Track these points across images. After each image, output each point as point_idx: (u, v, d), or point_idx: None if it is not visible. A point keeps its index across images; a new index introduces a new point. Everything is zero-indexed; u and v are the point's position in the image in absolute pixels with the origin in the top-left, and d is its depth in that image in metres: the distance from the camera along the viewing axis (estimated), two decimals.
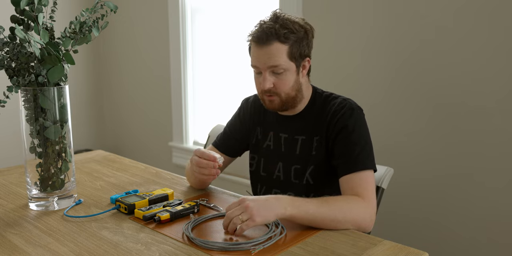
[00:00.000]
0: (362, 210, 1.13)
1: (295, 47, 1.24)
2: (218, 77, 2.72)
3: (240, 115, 1.48)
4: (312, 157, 1.30)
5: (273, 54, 1.21)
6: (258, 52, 1.24)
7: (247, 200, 1.04)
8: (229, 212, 1.05)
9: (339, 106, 1.28)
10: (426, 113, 1.84)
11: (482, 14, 1.66)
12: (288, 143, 1.35)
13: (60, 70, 1.16)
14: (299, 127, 1.34)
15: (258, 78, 1.28)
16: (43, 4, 1.15)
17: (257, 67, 1.25)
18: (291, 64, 1.24)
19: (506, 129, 1.66)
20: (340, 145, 1.24)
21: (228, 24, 2.59)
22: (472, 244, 1.79)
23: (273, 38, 1.21)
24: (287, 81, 1.25)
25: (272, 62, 1.22)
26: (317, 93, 1.35)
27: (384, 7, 1.89)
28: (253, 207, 1.02)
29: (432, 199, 1.87)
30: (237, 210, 1.03)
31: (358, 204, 1.14)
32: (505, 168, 1.68)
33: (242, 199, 1.05)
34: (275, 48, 1.21)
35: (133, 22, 3.16)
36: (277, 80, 1.25)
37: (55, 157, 1.21)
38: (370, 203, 1.16)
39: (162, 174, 1.55)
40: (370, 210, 1.15)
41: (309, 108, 1.34)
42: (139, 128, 3.30)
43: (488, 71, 1.67)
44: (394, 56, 1.90)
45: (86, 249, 0.99)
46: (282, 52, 1.22)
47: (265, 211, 1.03)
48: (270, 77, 1.24)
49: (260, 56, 1.23)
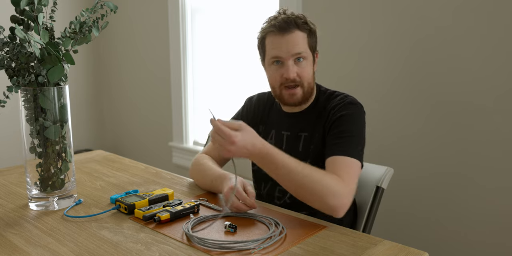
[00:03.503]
0: (333, 185, 1.09)
1: (311, 37, 1.28)
2: (218, 77, 2.72)
3: (243, 114, 1.48)
4: (311, 151, 1.32)
5: (297, 42, 1.24)
6: (280, 41, 1.25)
7: (236, 136, 1.01)
8: (219, 131, 1.02)
9: (339, 101, 1.30)
10: (425, 113, 1.84)
11: (481, 13, 1.66)
12: (291, 141, 1.36)
13: (60, 70, 1.16)
14: (302, 124, 1.35)
15: (279, 70, 1.28)
16: (43, 4, 1.15)
17: (280, 57, 1.26)
18: (309, 53, 1.28)
19: (506, 128, 1.66)
20: (331, 134, 1.26)
21: (228, 24, 2.59)
22: (472, 244, 1.79)
23: (293, 26, 1.24)
24: (309, 70, 1.28)
25: (296, 49, 1.24)
26: (321, 91, 1.37)
27: (383, 6, 1.89)
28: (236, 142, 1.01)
29: (432, 199, 1.87)
30: (221, 133, 1.01)
31: (333, 179, 1.11)
32: (506, 168, 1.68)
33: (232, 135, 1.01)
34: (297, 35, 1.24)
35: (133, 22, 3.16)
36: (300, 69, 1.26)
37: (55, 157, 1.21)
38: (347, 186, 1.12)
39: (162, 174, 1.55)
40: (344, 190, 1.11)
41: (313, 105, 1.35)
42: (139, 128, 3.30)
43: (487, 69, 1.67)
44: (393, 55, 1.90)
45: (86, 249, 0.99)
46: (304, 40, 1.25)
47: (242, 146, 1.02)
48: (293, 66, 1.25)
49: (283, 45, 1.24)
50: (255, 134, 1.08)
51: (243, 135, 1.04)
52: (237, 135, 1.03)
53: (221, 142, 1.03)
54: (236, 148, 1.03)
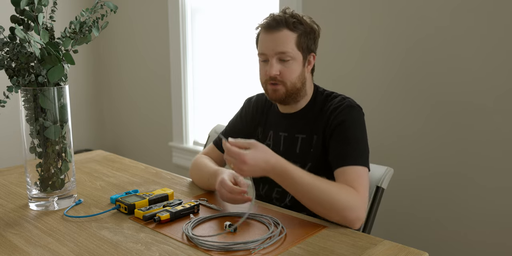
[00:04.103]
0: (350, 199, 1.10)
1: (303, 38, 1.26)
2: (218, 77, 2.72)
3: (242, 115, 1.48)
4: (310, 155, 1.31)
5: (282, 41, 1.23)
6: (266, 39, 1.25)
7: (246, 155, 1.04)
8: (229, 152, 1.06)
9: (338, 104, 1.28)
10: (425, 113, 1.84)
11: (481, 13, 1.66)
12: (288, 142, 1.35)
13: (60, 70, 1.16)
14: (299, 125, 1.34)
15: (264, 66, 1.28)
16: (43, 4, 1.15)
17: (265, 54, 1.26)
18: (298, 53, 1.26)
19: (506, 128, 1.66)
20: (335, 141, 1.25)
21: (228, 24, 2.59)
22: (472, 244, 1.79)
23: (282, 25, 1.24)
24: (294, 70, 1.26)
25: (280, 48, 1.23)
26: (318, 92, 1.36)
27: (383, 6, 1.89)
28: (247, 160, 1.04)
29: (432, 199, 1.87)
30: (232, 154, 1.05)
31: (350, 193, 1.12)
32: (506, 168, 1.68)
33: (241, 153, 1.04)
34: (283, 34, 1.24)
35: (133, 22, 3.16)
36: (284, 68, 1.25)
37: (55, 157, 1.21)
38: (362, 198, 1.14)
39: (162, 174, 1.55)
40: (360, 203, 1.12)
41: (310, 106, 1.34)
42: (139, 128, 3.30)
43: (486, 69, 1.67)
44: (393, 55, 1.90)
45: (86, 249, 0.99)
46: (291, 40, 1.24)
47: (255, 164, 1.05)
48: (277, 65, 1.25)
49: (269, 42, 1.24)
50: (267, 150, 1.09)
51: (254, 153, 1.06)
52: (247, 153, 1.05)
53: (233, 163, 1.05)
54: (248, 167, 1.04)
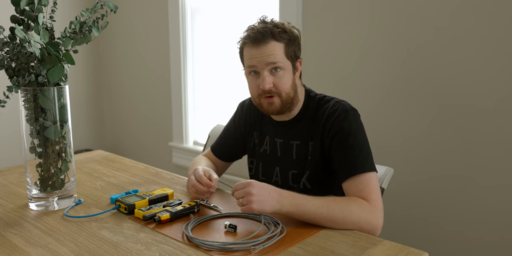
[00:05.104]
0: (365, 214, 1.11)
1: (290, 46, 1.24)
2: (218, 77, 2.72)
3: (235, 121, 1.47)
4: (308, 163, 1.29)
5: (271, 52, 1.21)
6: (255, 52, 1.22)
7: (252, 186, 1.08)
8: (235, 192, 1.10)
9: (332, 109, 1.25)
10: (425, 113, 1.84)
11: (481, 13, 1.66)
12: (284, 148, 1.34)
13: (60, 70, 1.16)
14: (293, 132, 1.32)
15: (255, 80, 1.25)
16: (43, 4, 1.15)
17: (255, 67, 1.23)
18: (288, 63, 1.24)
19: (507, 129, 1.66)
20: (337, 150, 1.22)
21: (228, 24, 2.59)
22: (472, 244, 1.79)
23: (269, 36, 1.21)
24: (286, 80, 1.24)
25: (271, 59, 1.21)
26: (310, 97, 1.33)
27: (383, 6, 1.89)
28: (254, 195, 1.06)
29: (432, 199, 1.87)
30: (240, 193, 1.09)
31: (362, 207, 1.12)
32: (506, 169, 1.68)
33: (249, 182, 1.09)
34: (272, 46, 1.22)
35: (133, 22, 3.16)
36: (276, 79, 1.23)
37: (55, 157, 1.21)
38: (375, 207, 1.14)
39: (162, 174, 1.55)
40: (375, 213, 1.13)
41: (303, 113, 1.32)
42: (139, 128, 3.30)
43: (488, 71, 1.67)
44: (393, 56, 1.90)
45: (86, 249, 0.99)
46: (280, 50, 1.22)
47: (263, 203, 1.07)
48: (269, 77, 1.23)
49: (258, 56, 1.22)
50: (266, 185, 1.11)
51: (256, 184, 1.09)
52: (250, 186, 1.08)
53: (242, 200, 1.08)
54: (256, 197, 1.07)
